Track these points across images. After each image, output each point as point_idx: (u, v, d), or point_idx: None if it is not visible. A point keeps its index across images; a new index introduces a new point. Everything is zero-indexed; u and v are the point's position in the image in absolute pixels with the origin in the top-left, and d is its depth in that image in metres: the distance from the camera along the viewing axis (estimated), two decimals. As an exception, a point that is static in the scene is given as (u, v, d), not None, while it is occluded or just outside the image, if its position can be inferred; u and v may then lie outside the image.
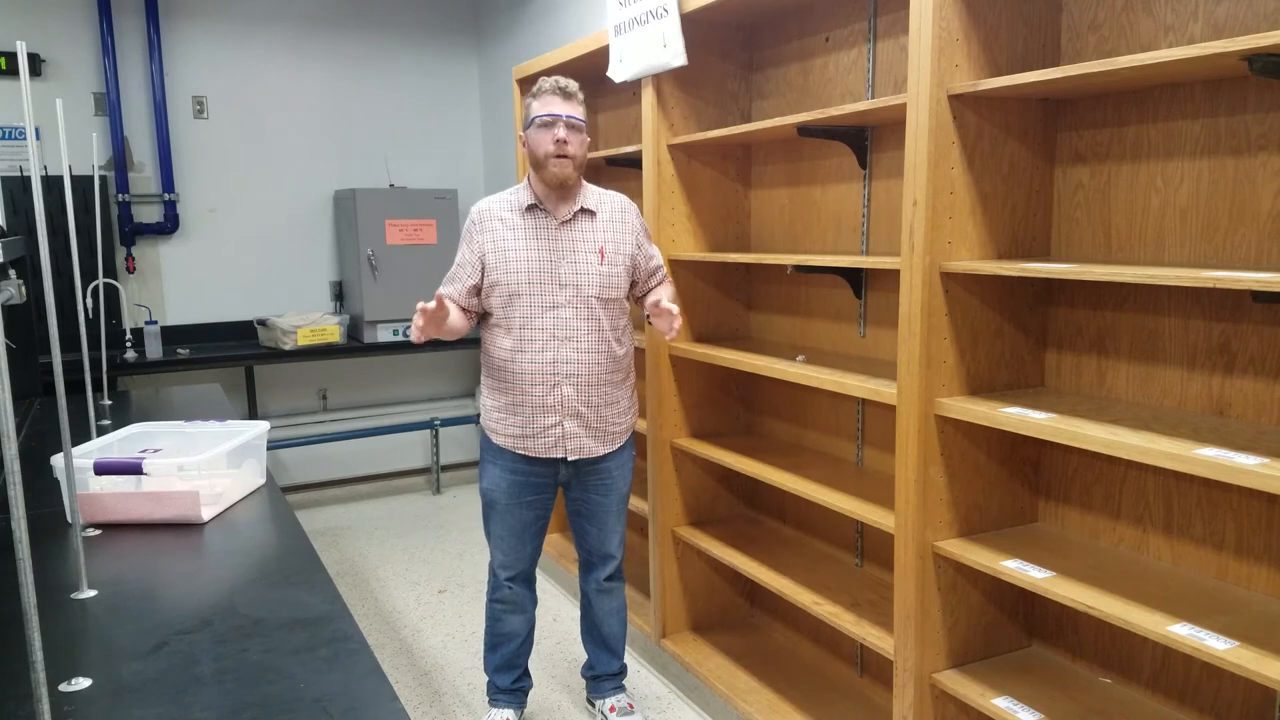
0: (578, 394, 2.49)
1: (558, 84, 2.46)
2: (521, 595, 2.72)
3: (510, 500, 2.59)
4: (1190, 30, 1.80)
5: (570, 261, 2.47)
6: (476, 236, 2.52)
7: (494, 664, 2.77)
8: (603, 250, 2.50)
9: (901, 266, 2.02)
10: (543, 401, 2.48)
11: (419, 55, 5.41)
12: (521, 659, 2.79)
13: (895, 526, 2.12)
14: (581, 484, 2.63)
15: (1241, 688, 1.82)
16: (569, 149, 2.41)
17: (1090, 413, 1.86)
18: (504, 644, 2.75)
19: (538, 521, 2.65)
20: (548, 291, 2.45)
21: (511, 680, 2.78)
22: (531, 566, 2.72)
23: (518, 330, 2.47)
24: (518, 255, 2.47)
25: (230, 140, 5.00)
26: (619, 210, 2.58)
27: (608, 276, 2.50)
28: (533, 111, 2.46)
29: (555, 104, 2.43)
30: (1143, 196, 1.92)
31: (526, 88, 3.86)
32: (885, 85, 2.52)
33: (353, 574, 4.17)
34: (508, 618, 2.73)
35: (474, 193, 5.60)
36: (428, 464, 5.51)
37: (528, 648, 2.80)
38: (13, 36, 4.43)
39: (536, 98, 2.47)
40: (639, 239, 2.60)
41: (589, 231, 2.51)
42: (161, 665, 1.40)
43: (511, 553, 2.65)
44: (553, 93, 2.44)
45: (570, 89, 2.46)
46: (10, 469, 1.11)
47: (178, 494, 2.04)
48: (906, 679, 2.14)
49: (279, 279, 5.18)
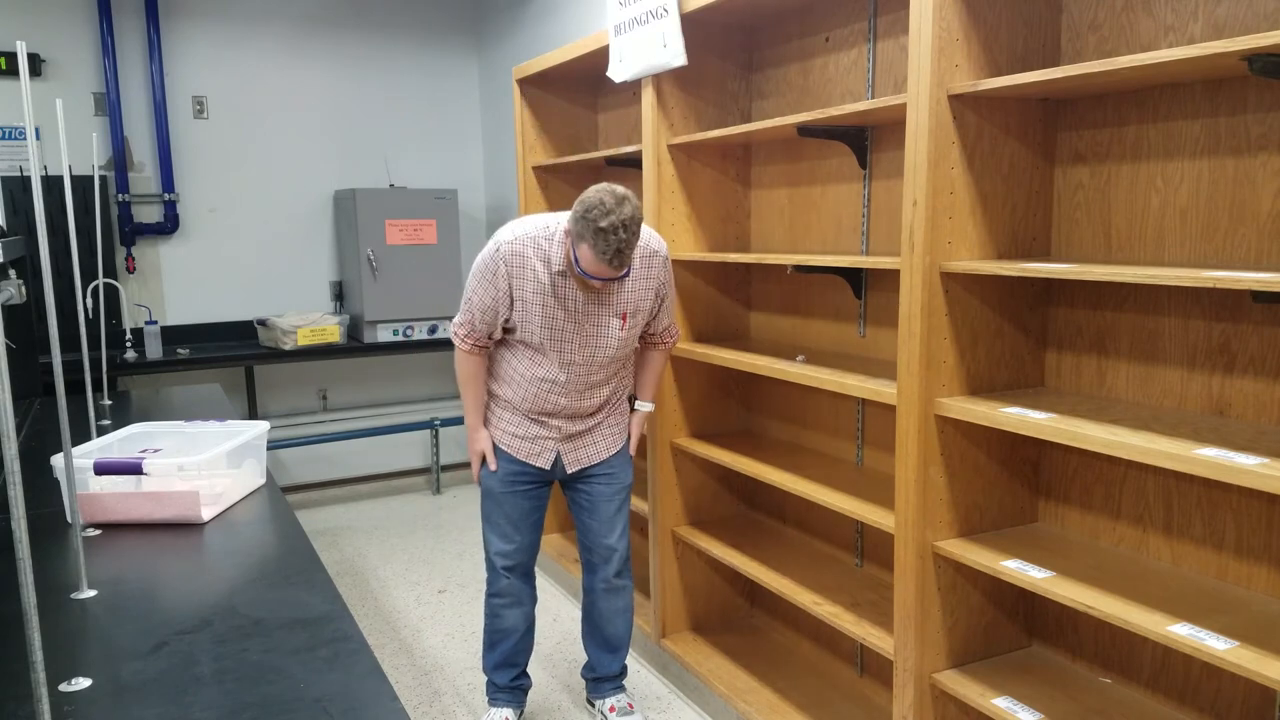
0: (572, 425, 2.58)
1: (614, 257, 2.16)
2: (519, 589, 2.71)
3: (506, 488, 2.60)
4: (1190, 30, 1.80)
5: (593, 325, 2.44)
6: (506, 279, 2.37)
7: (492, 662, 2.76)
8: (625, 315, 2.48)
9: (901, 266, 2.02)
10: (539, 429, 2.57)
11: (419, 55, 5.41)
12: (520, 656, 2.78)
13: (895, 526, 2.12)
14: (584, 477, 2.65)
15: (1241, 688, 1.82)
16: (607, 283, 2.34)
17: (1090, 413, 1.86)
18: (501, 641, 2.73)
19: (535, 512, 2.66)
20: (566, 350, 2.46)
21: (510, 678, 2.77)
22: (530, 559, 2.71)
23: (532, 370, 2.50)
24: (542, 315, 2.40)
25: (230, 140, 5.00)
26: (647, 262, 2.47)
27: (625, 341, 2.52)
28: (581, 251, 2.21)
29: (605, 270, 2.23)
30: (1143, 196, 1.92)
31: (526, 88, 3.88)
32: (885, 85, 2.52)
33: (353, 574, 4.17)
34: (505, 612, 2.71)
35: (474, 193, 5.60)
36: (428, 464, 5.51)
37: (526, 645, 2.78)
38: (13, 36, 4.43)
39: (589, 245, 2.17)
40: (660, 291, 2.53)
41: (618, 294, 2.45)
42: (161, 665, 1.40)
43: (508, 540, 2.64)
44: (607, 263, 2.18)
45: (623, 260, 2.19)
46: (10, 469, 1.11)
47: (178, 494, 2.04)
48: (906, 679, 2.14)
49: (279, 279, 5.18)
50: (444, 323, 5.01)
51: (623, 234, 2.15)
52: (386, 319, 4.93)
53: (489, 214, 5.63)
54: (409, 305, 4.95)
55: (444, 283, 4.99)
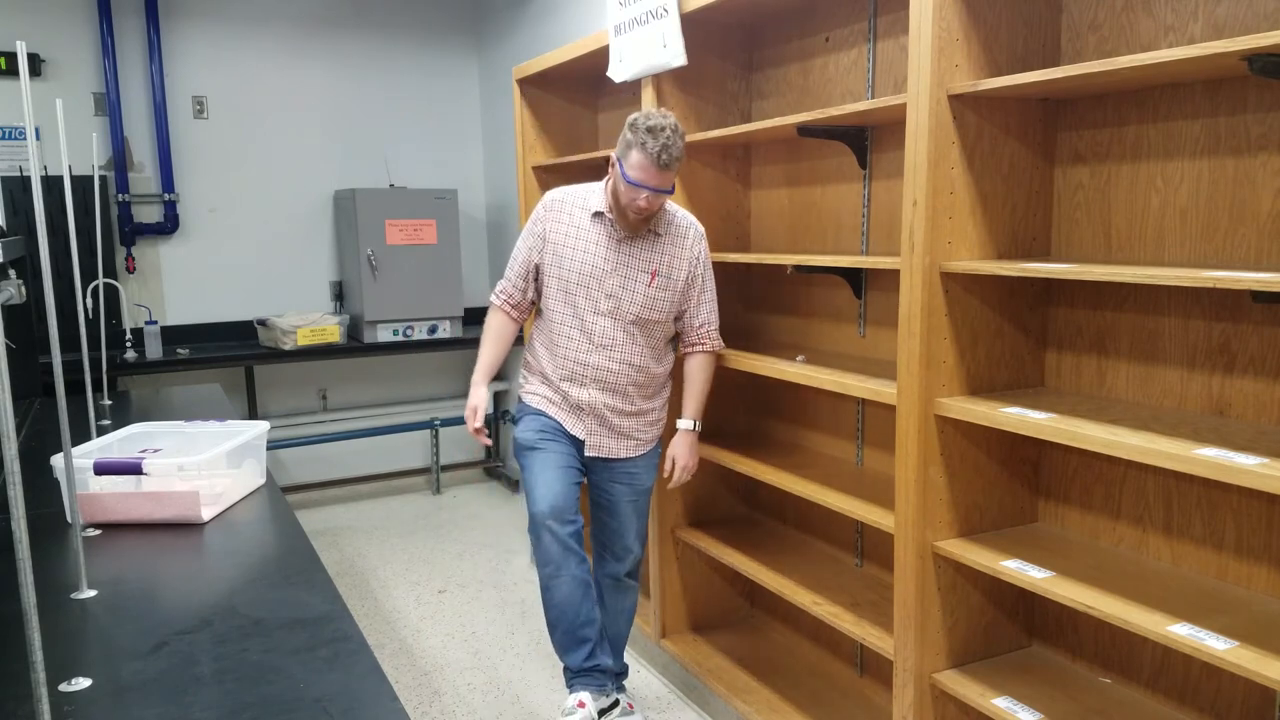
0: (605, 399, 2.56)
1: (662, 152, 2.30)
2: (565, 547, 2.47)
3: (547, 441, 2.56)
4: (1190, 30, 1.80)
5: (621, 276, 2.51)
6: (543, 221, 2.56)
7: (558, 643, 2.58)
8: (655, 273, 2.52)
9: (901, 266, 2.02)
10: (576, 398, 2.56)
11: (419, 55, 5.41)
12: (586, 629, 2.53)
13: (895, 526, 2.12)
14: (607, 471, 2.64)
15: (1241, 688, 1.82)
16: (648, 211, 2.43)
17: (1090, 413, 1.86)
18: (560, 618, 2.53)
19: (571, 469, 2.56)
20: (594, 298, 2.51)
21: (583, 658, 2.55)
22: (572, 508, 2.51)
23: (561, 327, 2.54)
24: (574, 256, 2.52)
25: (230, 140, 5.00)
26: (682, 233, 2.57)
27: (653, 299, 2.53)
28: (629, 161, 2.35)
29: (652, 174, 2.34)
30: (1143, 196, 1.92)
31: (526, 88, 3.88)
32: (885, 85, 2.52)
33: (353, 574, 4.17)
34: (555, 584, 2.50)
35: (474, 193, 5.60)
36: (428, 464, 5.51)
37: (589, 616, 2.53)
38: (13, 36, 4.43)
39: (638, 149, 2.32)
40: (694, 269, 2.57)
41: (648, 251, 2.53)
42: (161, 665, 1.40)
43: (555, 488, 2.48)
44: (654, 161, 2.32)
45: (670, 158, 2.32)
46: (10, 469, 1.11)
47: (178, 494, 2.04)
48: (906, 679, 2.14)
49: (279, 279, 5.18)
50: (444, 323, 5.02)
51: (669, 135, 2.31)
52: (386, 319, 4.93)
53: (489, 214, 5.63)
54: (409, 305, 4.95)
55: (444, 283, 4.99)
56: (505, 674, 3.20)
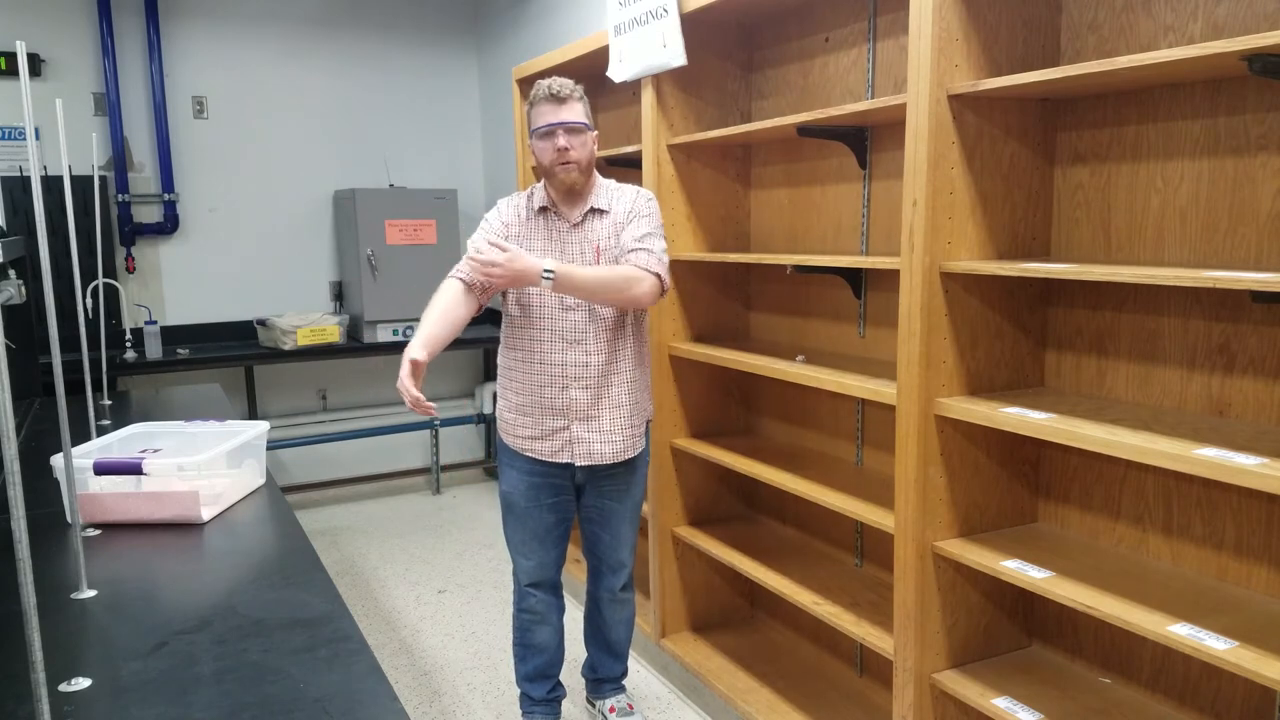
0: (587, 396, 2.45)
1: (550, 90, 2.37)
2: (548, 604, 2.67)
3: (529, 503, 2.54)
4: (1190, 30, 1.80)
5: (579, 265, 2.41)
6: (498, 217, 2.50)
7: (525, 674, 2.74)
8: (599, 247, 2.43)
9: (901, 266, 2.02)
10: (553, 403, 2.45)
11: (419, 55, 5.41)
12: (554, 669, 2.75)
13: (895, 526, 2.12)
14: (597, 489, 2.57)
15: (1241, 688, 1.82)
16: (571, 154, 2.36)
17: (1090, 413, 1.86)
18: (534, 656, 2.71)
19: (559, 525, 2.59)
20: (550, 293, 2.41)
21: (546, 691, 2.74)
22: (556, 573, 2.67)
23: (530, 331, 2.46)
24: (522, 238, 2.46)
25: (230, 140, 5.00)
26: (628, 204, 2.47)
27: None
28: (532, 122, 2.41)
29: (549, 112, 2.36)
30: (1142, 196, 1.92)
31: (526, 88, 3.86)
32: (885, 85, 2.52)
33: (353, 574, 4.17)
34: (535, 629, 2.68)
35: (474, 193, 5.60)
36: (428, 464, 5.51)
37: (559, 657, 2.75)
38: (13, 36, 4.43)
39: (534, 106, 2.40)
40: (632, 213, 2.44)
41: (596, 231, 2.45)
42: (161, 665, 1.40)
43: (534, 557, 2.60)
44: (546, 100, 2.37)
45: (563, 92, 2.36)
46: (10, 469, 1.11)
47: (177, 494, 2.04)
48: (906, 679, 2.14)
49: (279, 279, 5.18)
50: (444, 323, 5.01)
51: (555, 83, 2.38)
52: (386, 319, 4.93)
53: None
54: (409, 305, 4.94)
55: (444, 283, 4.99)
56: (505, 674, 3.20)
